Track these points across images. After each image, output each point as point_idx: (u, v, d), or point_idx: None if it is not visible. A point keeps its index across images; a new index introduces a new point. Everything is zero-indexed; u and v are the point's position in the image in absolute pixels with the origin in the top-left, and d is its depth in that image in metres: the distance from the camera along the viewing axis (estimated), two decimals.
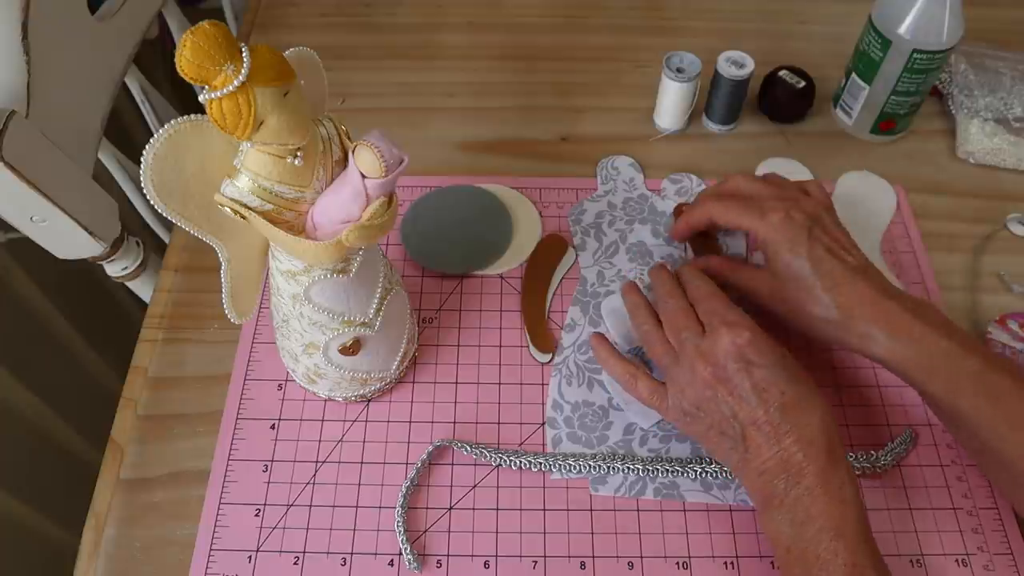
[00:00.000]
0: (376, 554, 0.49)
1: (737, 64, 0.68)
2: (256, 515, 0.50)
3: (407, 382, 0.56)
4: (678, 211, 0.65)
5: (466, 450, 0.52)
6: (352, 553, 0.49)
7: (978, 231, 0.66)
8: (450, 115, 0.74)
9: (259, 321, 0.59)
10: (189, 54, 0.33)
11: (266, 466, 0.52)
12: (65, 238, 0.55)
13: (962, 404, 0.45)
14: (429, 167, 0.69)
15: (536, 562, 0.49)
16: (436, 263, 0.62)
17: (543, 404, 0.55)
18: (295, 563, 0.49)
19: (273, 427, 0.54)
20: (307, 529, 0.50)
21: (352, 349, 0.49)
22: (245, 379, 0.56)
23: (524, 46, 0.81)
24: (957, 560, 0.49)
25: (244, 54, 0.34)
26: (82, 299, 0.94)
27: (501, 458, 0.52)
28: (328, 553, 0.49)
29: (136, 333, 0.59)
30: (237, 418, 0.54)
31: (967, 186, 0.69)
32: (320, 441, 0.53)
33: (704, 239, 0.63)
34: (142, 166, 0.36)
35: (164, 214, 0.38)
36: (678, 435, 0.54)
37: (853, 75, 0.69)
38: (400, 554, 0.49)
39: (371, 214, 0.40)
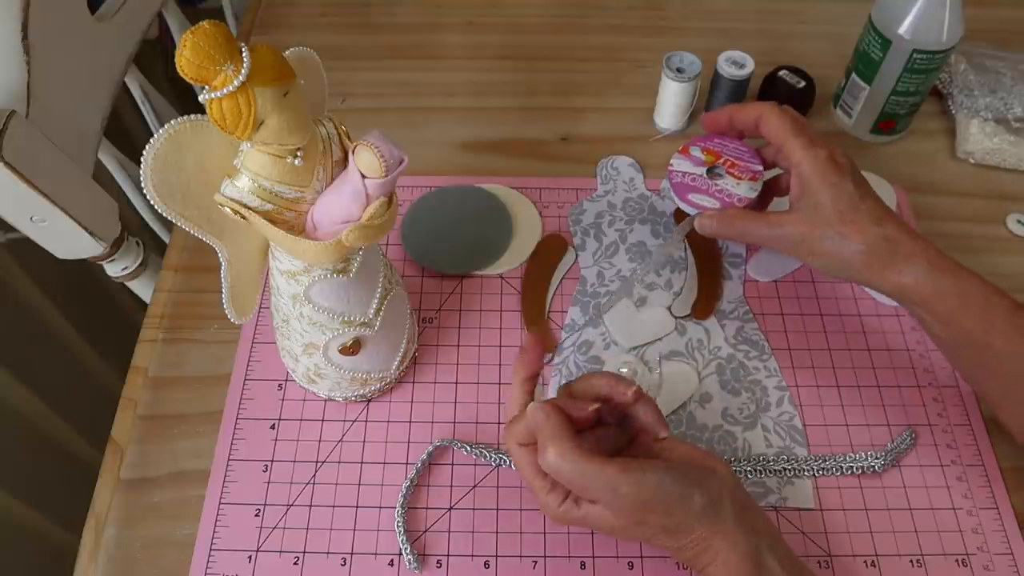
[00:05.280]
0: (376, 554, 0.49)
1: (737, 64, 0.68)
2: (256, 515, 0.50)
3: (407, 382, 0.56)
4: (678, 214, 0.65)
5: (466, 450, 0.52)
6: (352, 553, 0.49)
7: (978, 231, 0.66)
8: (450, 115, 0.74)
9: (259, 321, 0.59)
10: (189, 54, 0.33)
11: (266, 466, 0.52)
12: (65, 238, 0.55)
13: (996, 341, 0.45)
14: (429, 167, 0.69)
15: (536, 562, 0.49)
16: (436, 263, 0.62)
17: None
18: (295, 563, 0.49)
19: (273, 427, 0.54)
20: (307, 529, 0.50)
21: (352, 349, 0.49)
22: (245, 379, 0.56)
23: (524, 46, 0.81)
24: (957, 560, 0.49)
25: (244, 54, 0.34)
26: (82, 299, 0.94)
27: (501, 458, 0.52)
28: (328, 553, 0.49)
29: (136, 333, 0.59)
30: (237, 418, 0.54)
31: (967, 186, 0.69)
32: (320, 441, 0.53)
33: (703, 236, 0.63)
34: (142, 166, 0.36)
35: (164, 214, 0.38)
36: (677, 435, 0.54)
37: (853, 75, 0.69)
38: (400, 554, 0.49)
39: (371, 214, 0.40)
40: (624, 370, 0.56)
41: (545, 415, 0.41)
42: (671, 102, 0.70)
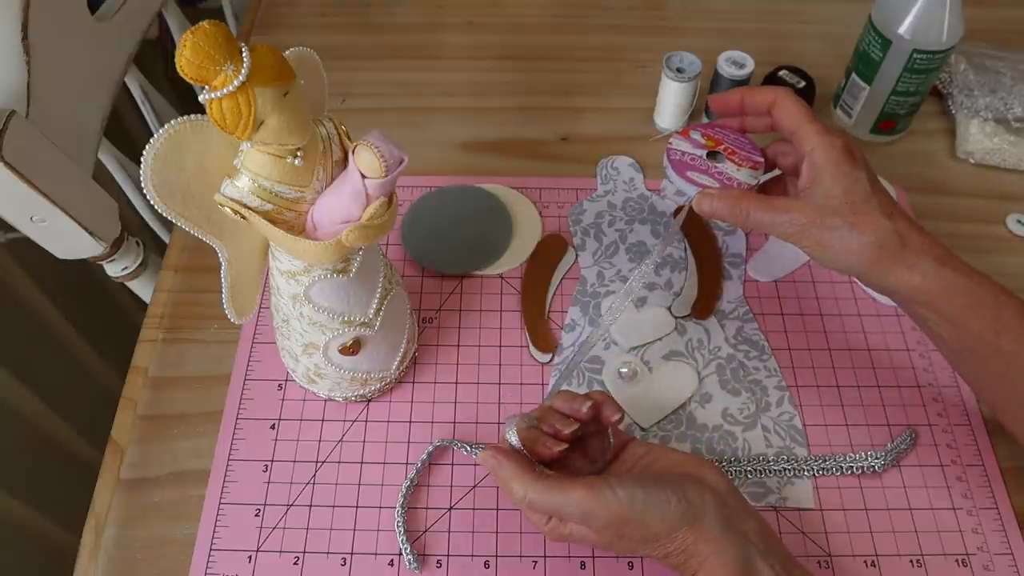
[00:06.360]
0: (376, 554, 0.49)
1: (737, 64, 0.68)
2: (256, 515, 0.50)
3: (407, 382, 0.56)
4: (677, 211, 0.65)
5: (466, 450, 0.52)
6: (352, 553, 0.49)
7: (978, 231, 0.66)
8: (450, 115, 0.74)
9: (259, 321, 0.59)
10: (189, 54, 0.33)
11: (266, 466, 0.52)
12: (65, 238, 0.55)
13: (1005, 343, 0.44)
14: (429, 167, 0.69)
15: (536, 562, 0.49)
16: (436, 263, 0.62)
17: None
18: (295, 563, 0.49)
19: (273, 427, 0.54)
20: (307, 529, 0.50)
21: (352, 349, 0.49)
22: (245, 379, 0.56)
23: (524, 46, 0.81)
24: (957, 560, 0.49)
25: (244, 54, 0.34)
26: (82, 299, 0.94)
27: None
28: (328, 553, 0.49)
29: (136, 333, 0.59)
30: (237, 418, 0.54)
31: (967, 186, 0.69)
32: (320, 441, 0.53)
33: (703, 235, 0.63)
34: (142, 166, 0.36)
35: (164, 214, 0.38)
36: (677, 435, 0.54)
37: (853, 75, 0.69)
38: (400, 554, 0.49)
39: (371, 214, 0.40)
40: (624, 370, 0.56)
41: (496, 461, 0.43)
42: (671, 102, 0.70)
